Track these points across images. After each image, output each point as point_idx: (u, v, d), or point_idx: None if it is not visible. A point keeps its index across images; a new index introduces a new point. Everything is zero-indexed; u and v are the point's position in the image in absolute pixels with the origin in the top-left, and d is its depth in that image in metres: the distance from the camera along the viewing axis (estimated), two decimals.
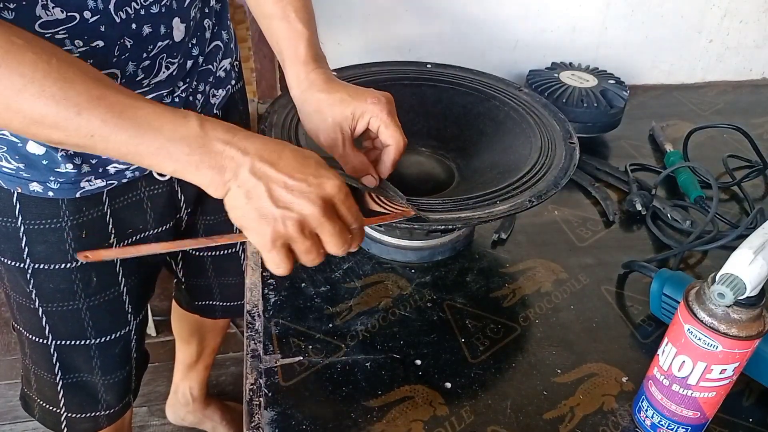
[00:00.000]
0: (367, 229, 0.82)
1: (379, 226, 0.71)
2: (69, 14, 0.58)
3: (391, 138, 0.67)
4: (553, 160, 0.78)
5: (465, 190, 0.77)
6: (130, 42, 0.64)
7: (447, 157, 0.89)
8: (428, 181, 0.84)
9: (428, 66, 0.95)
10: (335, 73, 0.72)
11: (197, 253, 0.99)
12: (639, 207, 0.91)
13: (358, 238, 0.59)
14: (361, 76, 0.89)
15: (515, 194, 0.72)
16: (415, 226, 0.68)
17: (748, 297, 0.52)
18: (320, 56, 0.71)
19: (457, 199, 0.72)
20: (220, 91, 0.83)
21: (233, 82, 0.87)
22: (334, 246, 0.56)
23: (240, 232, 0.57)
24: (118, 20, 0.61)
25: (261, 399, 0.64)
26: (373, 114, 0.66)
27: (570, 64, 1.19)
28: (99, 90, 0.51)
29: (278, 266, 0.55)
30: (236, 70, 0.88)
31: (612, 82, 1.12)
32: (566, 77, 1.12)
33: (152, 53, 0.67)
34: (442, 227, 0.73)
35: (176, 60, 0.71)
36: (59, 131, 0.52)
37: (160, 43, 0.67)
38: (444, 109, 0.91)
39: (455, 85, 0.92)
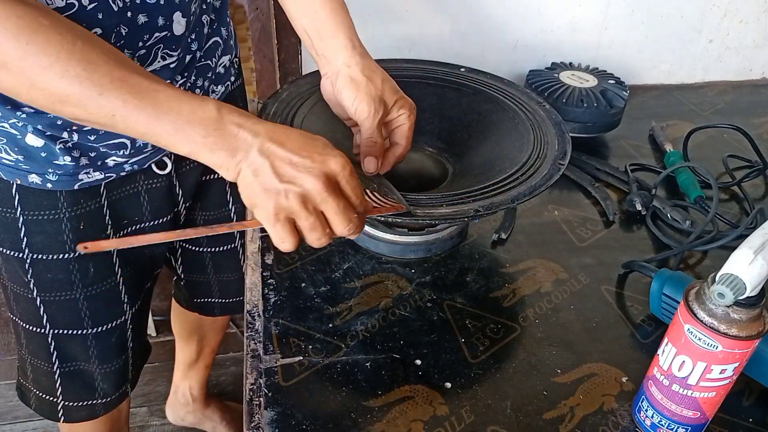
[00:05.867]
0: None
1: (371, 218, 0.72)
2: (68, 2, 0.59)
3: (406, 139, 0.73)
4: (545, 158, 0.78)
5: (458, 187, 0.77)
6: (125, 30, 0.64)
7: (441, 154, 0.89)
8: (420, 177, 0.85)
9: (462, 69, 0.95)
10: None
11: (197, 249, 1.00)
12: (639, 207, 0.91)
13: (360, 223, 0.59)
14: None
15: (492, 194, 0.72)
16: (406, 220, 0.69)
17: (748, 297, 0.52)
18: None
19: (444, 195, 0.72)
20: (220, 87, 0.84)
21: (232, 79, 0.87)
22: (339, 224, 0.57)
23: (239, 220, 0.58)
24: (115, 8, 0.62)
25: (261, 399, 0.64)
26: (408, 113, 0.72)
27: (570, 64, 1.19)
28: (121, 72, 0.53)
29: (282, 240, 0.57)
30: (235, 67, 0.88)
31: (612, 82, 1.12)
32: (566, 77, 1.12)
33: (148, 43, 0.67)
34: (428, 222, 0.76)
35: (175, 53, 0.71)
36: (82, 109, 0.54)
37: (157, 34, 0.67)
38: (440, 107, 0.91)
39: (454, 84, 0.92)
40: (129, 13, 0.64)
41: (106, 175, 0.74)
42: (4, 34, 0.50)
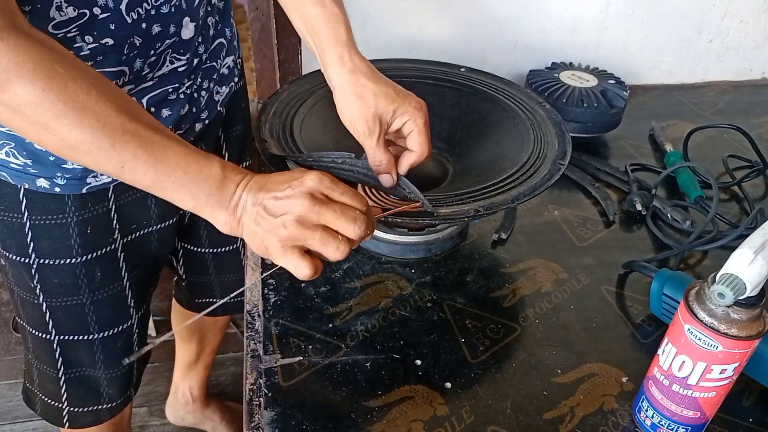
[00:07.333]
0: None
1: (386, 218, 0.72)
2: (80, 11, 0.59)
3: (418, 146, 0.70)
4: (545, 158, 0.78)
5: (458, 187, 0.77)
6: (139, 41, 0.65)
7: (441, 154, 0.89)
8: (420, 177, 0.85)
9: (462, 69, 0.95)
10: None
11: (199, 250, 1.00)
12: (639, 207, 0.91)
13: (369, 224, 0.59)
14: None
15: (492, 194, 0.72)
16: (405, 220, 0.69)
17: (748, 297, 0.52)
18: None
19: (444, 195, 0.72)
20: (224, 88, 0.84)
21: (236, 79, 0.87)
22: (345, 226, 0.57)
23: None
24: (129, 20, 0.63)
25: (261, 399, 0.64)
26: (413, 118, 0.69)
27: (570, 64, 1.19)
28: (133, 125, 0.55)
29: (297, 267, 0.57)
30: (239, 67, 0.89)
31: (612, 82, 1.12)
32: (566, 77, 1.12)
33: (159, 49, 0.68)
34: (450, 221, 0.76)
35: (184, 57, 0.71)
36: (91, 158, 0.55)
37: (168, 41, 0.68)
38: (440, 107, 0.91)
39: (454, 84, 0.92)
40: (143, 24, 0.64)
41: (114, 178, 0.73)
42: (21, 78, 0.51)
